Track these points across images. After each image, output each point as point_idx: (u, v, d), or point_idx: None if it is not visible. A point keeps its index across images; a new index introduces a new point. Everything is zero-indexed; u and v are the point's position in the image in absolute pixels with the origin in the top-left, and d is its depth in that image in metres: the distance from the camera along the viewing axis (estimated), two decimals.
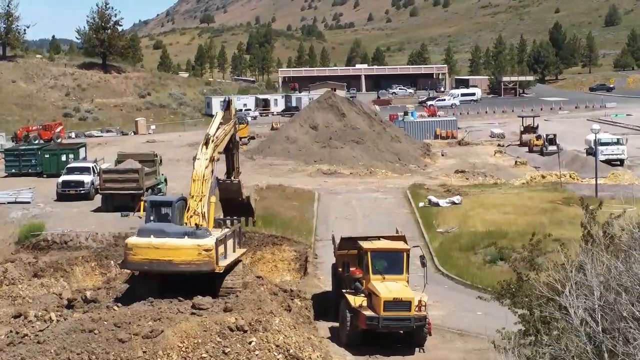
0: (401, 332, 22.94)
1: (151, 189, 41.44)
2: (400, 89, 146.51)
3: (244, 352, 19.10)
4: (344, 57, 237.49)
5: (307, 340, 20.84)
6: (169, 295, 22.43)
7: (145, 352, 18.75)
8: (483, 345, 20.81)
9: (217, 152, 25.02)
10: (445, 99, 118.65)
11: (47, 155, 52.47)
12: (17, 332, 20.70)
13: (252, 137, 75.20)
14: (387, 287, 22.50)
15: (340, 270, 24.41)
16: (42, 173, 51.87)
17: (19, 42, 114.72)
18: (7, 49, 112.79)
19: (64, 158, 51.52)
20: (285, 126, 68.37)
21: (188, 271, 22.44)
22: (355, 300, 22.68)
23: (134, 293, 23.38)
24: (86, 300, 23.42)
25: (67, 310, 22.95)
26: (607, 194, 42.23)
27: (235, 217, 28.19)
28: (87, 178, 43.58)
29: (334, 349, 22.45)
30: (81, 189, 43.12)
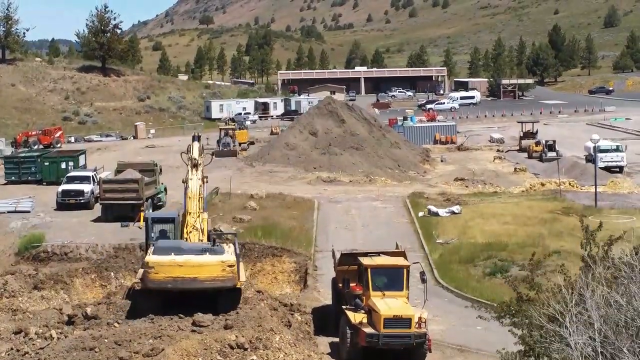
0: (401, 349, 22.93)
1: (151, 199, 41.47)
2: (399, 91, 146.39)
3: None
4: (343, 58, 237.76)
5: (308, 357, 20.92)
6: (170, 312, 22.47)
7: None
8: None
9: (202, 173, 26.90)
10: (444, 102, 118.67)
11: (46, 163, 52.50)
12: (17, 350, 20.77)
13: (252, 142, 75.25)
14: (387, 304, 22.46)
15: (340, 286, 24.42)
16: (41, 180, 51.90)
17: (19, 45, 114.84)
18: (7, 52, 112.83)
19: (63, 165, 51.61)
20: (285, 132, 68.41)
21: (212, 287, 22.59)
22: (356, 317, 22.64)
23: (135, 309, 23.42)
24: (87, 316, 23.43)
25: (68, 326, 22.93)
26: (607, 204, 42.35)
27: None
28: (87, 187, 43.62)
29: None
30: (81, 198, 43.15)
